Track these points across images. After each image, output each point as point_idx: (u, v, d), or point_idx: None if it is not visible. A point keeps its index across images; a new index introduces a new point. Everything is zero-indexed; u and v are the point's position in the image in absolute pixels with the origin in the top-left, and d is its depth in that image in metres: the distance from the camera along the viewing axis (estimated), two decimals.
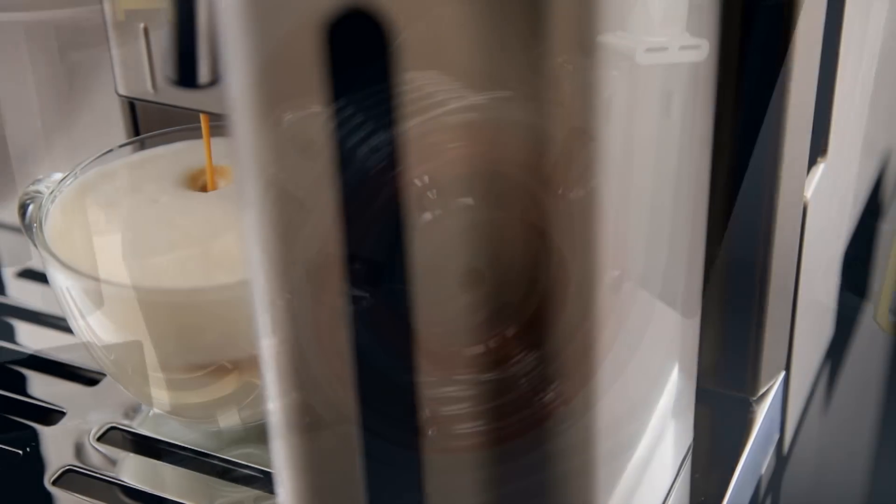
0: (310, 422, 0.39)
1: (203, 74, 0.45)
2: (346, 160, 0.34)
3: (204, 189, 0.55)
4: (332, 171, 0.34)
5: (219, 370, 0.51)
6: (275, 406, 0.40)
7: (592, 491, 0.40)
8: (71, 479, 0.53)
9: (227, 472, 0.54)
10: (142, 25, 0.48)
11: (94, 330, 0.50)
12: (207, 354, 0.50)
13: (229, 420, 0.54)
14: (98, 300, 0.49)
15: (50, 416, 0.57)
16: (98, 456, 0.54)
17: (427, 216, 0.34)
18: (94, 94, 0.62)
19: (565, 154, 0.33)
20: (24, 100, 0.64)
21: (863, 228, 0.71)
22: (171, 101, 0.50)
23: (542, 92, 0.32)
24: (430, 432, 0.37)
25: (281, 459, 0.41)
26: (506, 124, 0.33)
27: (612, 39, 0.33)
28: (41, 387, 0.58)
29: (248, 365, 0.51)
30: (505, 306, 0.35)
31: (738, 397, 0.56)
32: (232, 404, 0.53)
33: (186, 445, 0.55)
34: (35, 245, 0.57)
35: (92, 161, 0.55)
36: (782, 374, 0.57)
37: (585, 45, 0.32)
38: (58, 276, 0.50)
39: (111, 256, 0.50)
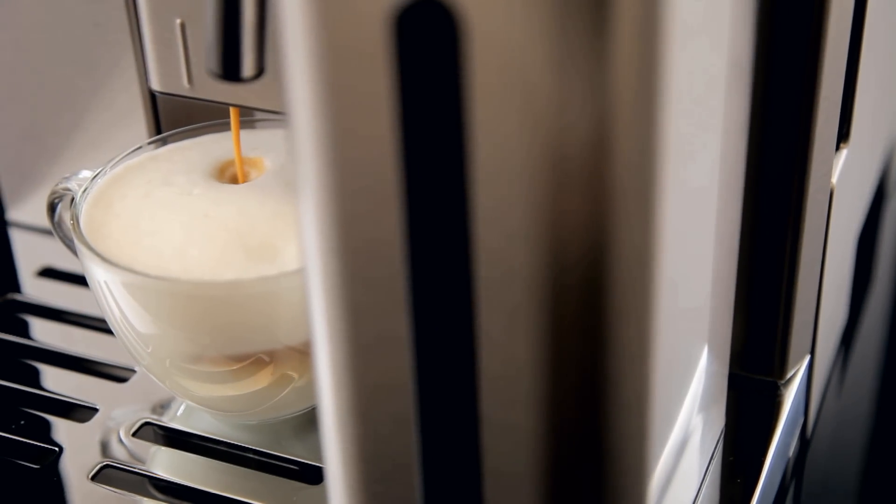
0: (367, 413, 0.40)
1: (247, 68, 0.45)
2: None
3: (233, 180, 0.55)
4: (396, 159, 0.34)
5: (256, 363, 0.51)
6: (330, 397, 0.40)
7: (643, 469, 0.40)
8: (109, 474, 0.54)
9: (262, 464, 0.54)
10: (178, 21, 0.49)
11: (132, 323, 0.51)
12: (246, 347, 0.50)
13: (264, 413, 0.54)
14: (136, 293, 0.50)
15: (82, 412, 0.57)
16: (134, 451, 0.55)
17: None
18: (114, 92, 0.62)
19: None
20: (42, 99, 0.64)
21: (873, 213, 0.72)
22: (207, 95, 0.50)
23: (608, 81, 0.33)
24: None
25: (333, 450, 0.41)
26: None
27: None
28: (72, 384, 0.58)
29: (284, 357, 0.51)
30: None
31: (767, 381, 0.57)
32: (268, 397, 0.53)
33: (221, 439, 0.55)
34: (63, 242, 0.57)
35: (123, 157, 0.55)
36: (807, 357, 0.57)
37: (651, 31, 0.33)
38: (95, 270, 0.50)
39: (149, 249, 0.50)
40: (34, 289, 0.65)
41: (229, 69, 0.45)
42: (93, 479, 0.53)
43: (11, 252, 0.69)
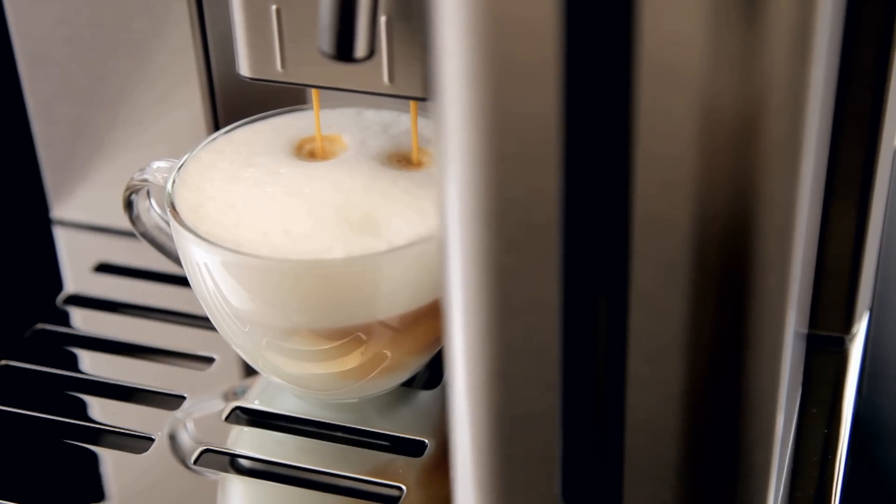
0: (509, 376, 0.41)
1: (360, 49, 0.46)
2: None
3: (311, 158, 0.56)
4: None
5: (353, 341, 0.52)
6: (470, 360, 0.41)
7: (774, 416, 0.42)
8: (209, 458, 0.54)
9: (355, 441, 0.55)
10: (274, 7, 0.50)
11: (231, 303, 0.51)
12: (346, 322, 0.51)
13: (353, 391, 0.55)
14: (237, 273, 0.50)
15: (171, 401, 0.57)
16: (229, 435, 0.55)
17: None
18: (172, 85, 0.63)
19: None
20: (95, 94, 0.65)
21: None
22: (300, 79, 0.51)
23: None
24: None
25: (469, 413, 0.43)
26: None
27: None
28: (154, 374, 0.59)
29: (379, 335, 0.52)
30: None
31: (833, 336, 0.59)
32: (361, 375, 0.54)
33: (314, 418, 0.56)
34: (143, 236, 0.58)
35: (206, 144, 0.56)
36: (867, 313, 0.60)
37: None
38: (195, 251, 0.51)
39: (251, 228, 0.51)
40: (93, 285, 0.65)
41: (343, 50, 0.46)
42: (195, 463, 0.54)
43: (55, 250, 0.69)
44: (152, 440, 0.55)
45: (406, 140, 0.56)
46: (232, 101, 0.63)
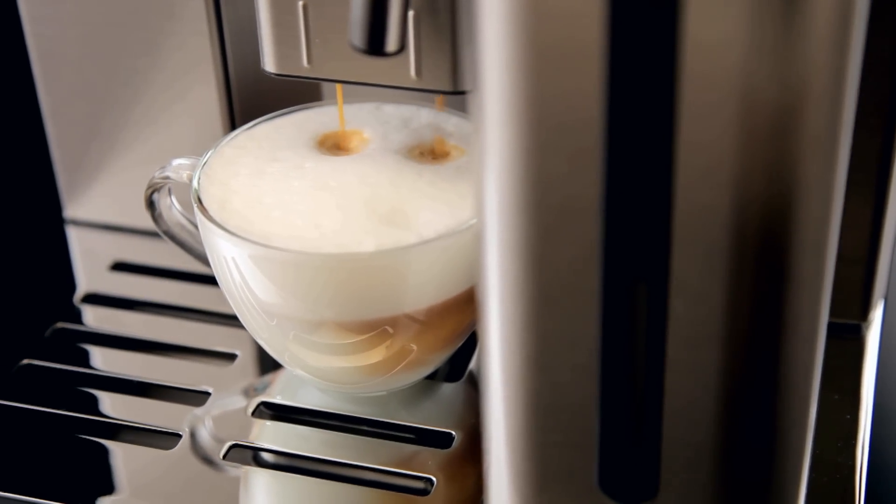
0: (548, 364, 0.41)
1: (391, 43, 0.47)
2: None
3: (334, 153, 0.56)
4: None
5: (381, 334, 0.52)
6: (507, 349, 0.42)
7: (808, 401, 0.43)
8: (238, 453, 0.55)
9: (381, 434, 0.55)
10: (301, 3, 0.50)
11: (259, 297, 0.52)
12: (374, 314, 0.51)
13: (379, 385, 0.56)
14: (268, 267, 0.50)
15: (196, 397, 0.58)
16: (256, 430, 0.56)
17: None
18: (188, 84, 0.63)
19: None
20: (110, 93, 0.65)
21: None
22: (326, 74, 0.52)
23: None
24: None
25: (504, 401, 0.43)
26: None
27: None
28: (178, 370, 0.59)
29: (405, 328, 0.53)
30: None
31: (850, 324, 0.59)
32: (387, 368, 0.54)
33: (340, 412, 0.56)
34: (167, 234, 0.58)
35: (227, 140, 0.56)
36: (883, 301, 0.60)
37: None
38: (225, 246, 0.51)
39: (279, 222, 0.51)
40: (110, 284, 0.66)
41: (375, 44, 0.46)
42: (224, 458, 0.54)
43: (68, 250, 0.69)
44: (179, 436, 0.55)
45: (427, 133, 0.56)
46: (248, 99, 0.64)
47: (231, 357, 0.60)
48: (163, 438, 0.56)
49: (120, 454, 0.55)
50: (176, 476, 0.53)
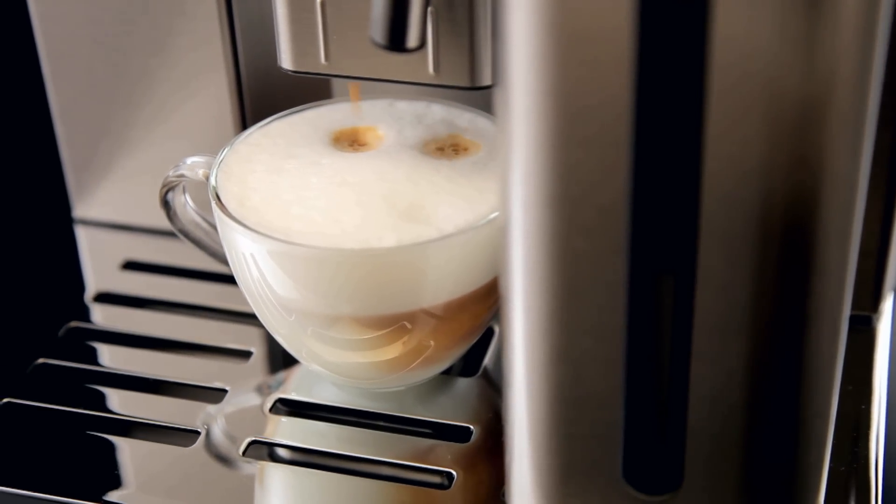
0: (573, 356, 0.42)
1: (412, 39, 0.47)
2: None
3: (351, 149, 0.56)
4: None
5: (399, 329, 0.52)
6: (532, 342, 0.42)
7: (831, 391, 0.43)
8: (257, 450, 0.55)
9: (398, 429, 0.56)
10: (319, 1, 0.50)
11: (278, 293, 0.52)
12: (393, 309, 0.52)
13: (396, 380, 0.56)
14: (289, 263, 0.51)
15: (213, 395, 0.58)
16: (274, 427, 0.56)
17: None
18: (199, 83, 0.63)
19: None
20: (120, 92, 0.65)
21: None
22: (343, 71, 0.52)
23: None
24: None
25: (528, 393, 0.43)
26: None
27: None
28: (194, 368, 0.59)
29: (424, 323, 0.53)
30: None
31: (861, 315, 0.60)
32: (404, 364, 0.54)
33: (358, 408, 0.56)
34: (182, 233, 0.58)
35: (242, 137, 0.56)
36: (893, 292, 0.61)
37: None
38: (244, 243, 0.51)
39: (299, 218, 0.51)
40: (122, 283, 0.66)
41: (396, 40, 0.46)
42: (243, 454, 0.54)
43: (77, 249, 0.69)
44: (197, 433, 0.55)
45: (441, 129, 0.57)
46: (259, 98, 0.64)
47: (246, 354, 0.60)
48: (180, 436, 0.56)
49: (138, 452, 0.55)
50: (195, 473, 0.53)
